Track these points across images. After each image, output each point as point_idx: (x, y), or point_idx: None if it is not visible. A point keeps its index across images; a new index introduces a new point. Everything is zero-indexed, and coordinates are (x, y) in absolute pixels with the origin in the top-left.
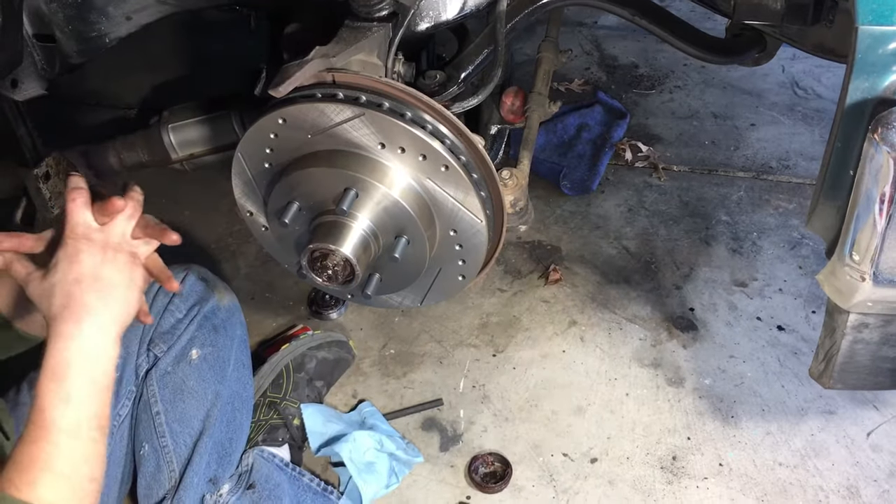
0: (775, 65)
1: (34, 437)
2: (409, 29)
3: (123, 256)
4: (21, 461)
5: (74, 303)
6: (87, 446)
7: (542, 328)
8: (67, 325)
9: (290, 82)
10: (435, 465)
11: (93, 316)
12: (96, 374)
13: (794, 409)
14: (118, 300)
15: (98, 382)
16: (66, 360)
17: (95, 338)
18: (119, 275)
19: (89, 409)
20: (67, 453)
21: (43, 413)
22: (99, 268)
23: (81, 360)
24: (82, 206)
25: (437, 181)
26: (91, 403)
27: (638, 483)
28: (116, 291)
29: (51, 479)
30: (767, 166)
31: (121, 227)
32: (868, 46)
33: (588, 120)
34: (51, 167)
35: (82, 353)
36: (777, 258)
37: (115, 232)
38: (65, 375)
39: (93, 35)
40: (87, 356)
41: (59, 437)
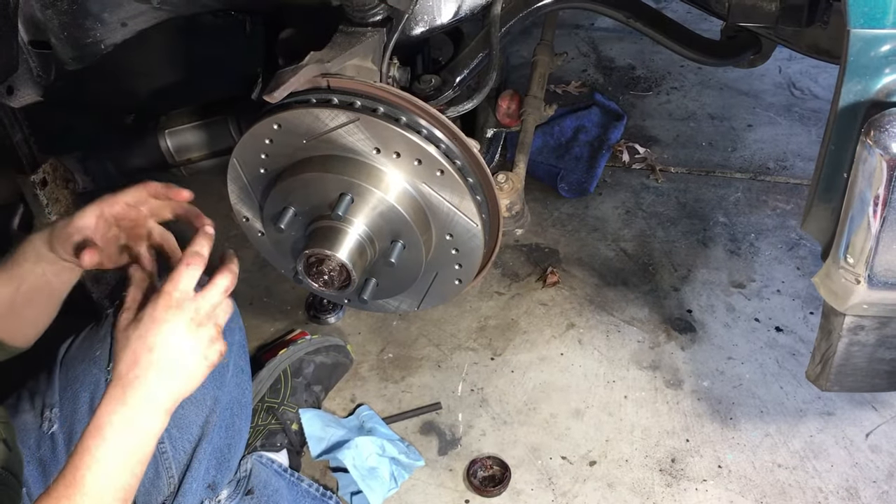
0: (772, 66)
1: (59, 495)
2: (404, 33)
3: (206, 332)
4: None
5: (137, 370)
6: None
7: (539, 331)
8: (121, 390)
9: (285, 88)
10: (434, 469)
11: (149, 390)
12: (134, 446)
13: (792, 411)
14: (183, 378)
15: (134, 455)
16: (110, 423)
17: (143, 411)
18: (195, 352)
19: (119, 478)
20: None
21: (76, 472)
22: (178, 340)
23: (123, 428)
24: (194, 273)
25: (433, 186)
26: (122, 474)
27: (637, 485)
28: (185, 369)
29: None
30: (765, 167)
31: (215, 300)
32: (860, 49)
33: (585, 122)
34: (48, 173)
35: (127, 421)
36: (775, 259)
37: (207, 305)
38: (104, 437)
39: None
40: (130, 425)
41: (81, 500)
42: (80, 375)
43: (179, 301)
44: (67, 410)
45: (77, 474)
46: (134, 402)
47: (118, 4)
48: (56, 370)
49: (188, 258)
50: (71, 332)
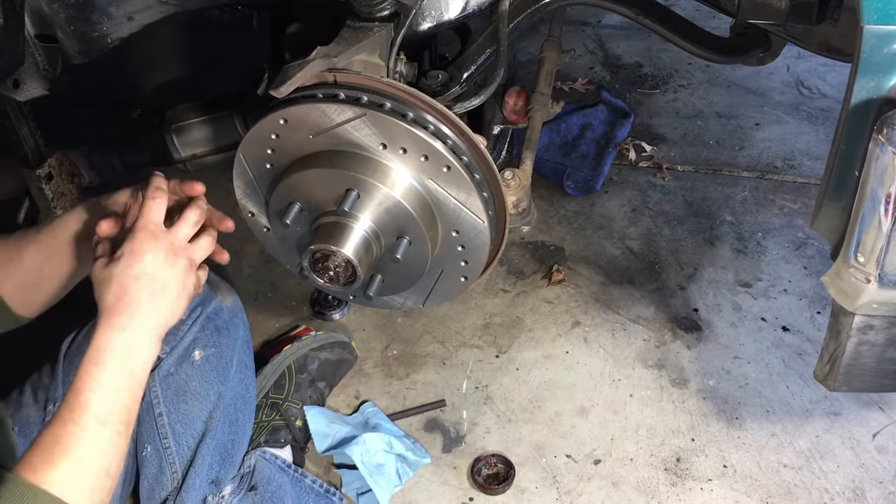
0: (780, 64)
1: (64, 419)
2: (411, 29)
3: (183, 262)
4: (45, 442)
5: (128, 298)
6: (111, 438)
7: (545, 329)
8: (117, 318)
9: (292, 82)
10: (438, 467)
11: (142, 315)
12: (135, 368)
13: (798, 411)
14: (168, 304)
15: (135, 376)
16: (110, 348)
17: (140, 335)
18: (175, 280)
19: (122, 399)
20: (93, 439)
21: (78, 395)
22: (159, 269)
23: (123, 352)
24: (160, 206)
25: (440, 182)
26: (124, 394)
27: (642, 485)
28: (168, 295)
29: (70, 465)
30: (772, 166)
31: (186, 231)
32: (873, 46)
33: (592, 119)
34: (53, 168)
35: (126, 345)
36: (782, 258)
37: (180, 235)
38: (105, 362)
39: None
40: (129, 349)
41: (88, 421)
42: None
43: (154, 232)
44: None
45: (80, 398)
46: (130, 328)
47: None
48: (59, 365)
49: (152, 193)
50: (74, 326)
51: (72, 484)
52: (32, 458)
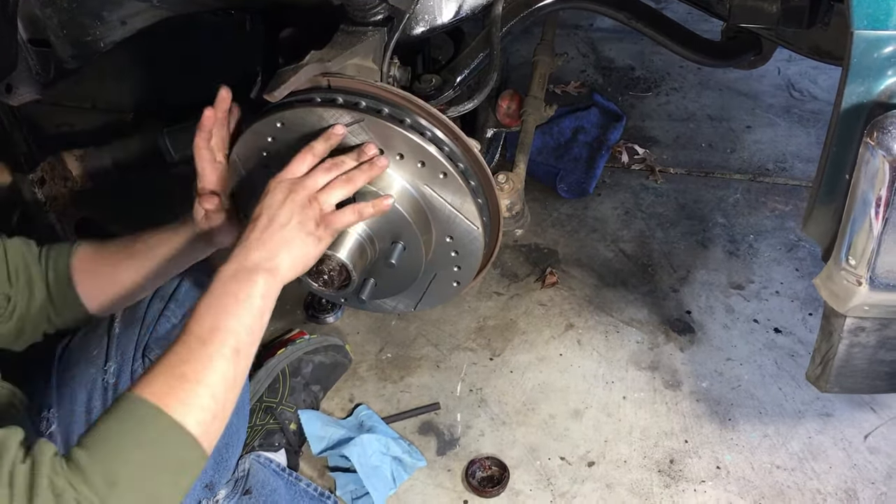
0: (771, 66)
1: (192, 350)
2: (405, 33)
3: (311, 212)
4: (183, 369)
5: (273, 247)
6: (238, 372)
7: (538, 331)
8: (259, 269)
9: (286, 87)
10: (432, 470)
11: (281, 266)
12: (264, 317)
13: (791, 412)
14: (302, 256)
15: (263, 319)
16: (249, 295)
17: (273, 285)
18: (308, 234)
19: (253, 342)
20: (223, 371)
21: (223, 326)
22: (297, 219)
23: (261, 301)
24: (301, 160)
25: (434, 186)
26: (255, 338)
27: (635, 487)
28: (303, 248)
29: (203, 394)
30: (764, 168)
31: (310, 183)
32: (863, 51)
33: (584, 122)
34: (46, 172)
35: (263, 295)
36: (774, 260)
37: (309, 184)
38: (249, 308)
39: (87, 40)
40: (266, 298)
41: (220, 352)
42: (78, 375)
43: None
44: (64, 410)
45: (221, 330)
46: (275, 277)
47: (117, 3)
48: (53, 369)
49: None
50: (68, 331)
51: (191, 409)
52: (153, 380)
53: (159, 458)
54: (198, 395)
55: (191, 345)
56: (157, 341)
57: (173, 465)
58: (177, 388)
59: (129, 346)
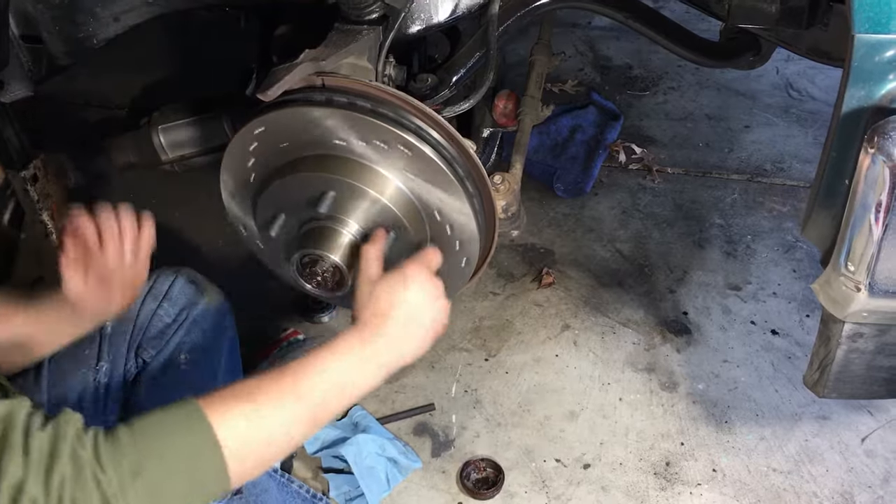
0: (769, 66)
1: (277, 383)
2: (400, 32)
3: (442, 304)
4: (251, 390)
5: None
6: (298, 435)
7: (534, 332)
8: (368, 333)
9: (279, 86)
10: (427, 471)
11: (387, 341)
12: (353, 381)
13: (788, 415)
14: (415, 342)
15: (346, 390)
16: (349, 349)
17: (376, 357)
18: (431, 320)
19: (330, 416)
20: (290, 419)
21: (312, 389)
22: (425, 305)
23: (360, 382)
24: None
25: (430, 188)
26: (332, 395)
27: (631, 489)
28: (420, 333)
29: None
30: (762, 169)
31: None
32: (864, 55)
33: (581, 121)
34: (38, 169)
35: (359, 357)
36: (771, 261)
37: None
38: (339, 360)
39: (80, 36)
40: (360, 362)
41: (300, 403)
42: (68, 375)
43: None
44: (55, 411)
45: (300, 376)
46: (372, 346)
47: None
48: (44, 369)
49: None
50: None
51: (244, 441)
52: (223, 397)
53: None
54: (250, 417)
55: (281, 380)
56: (149, 341)
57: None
58: (232, 403)
59: (121, 346)
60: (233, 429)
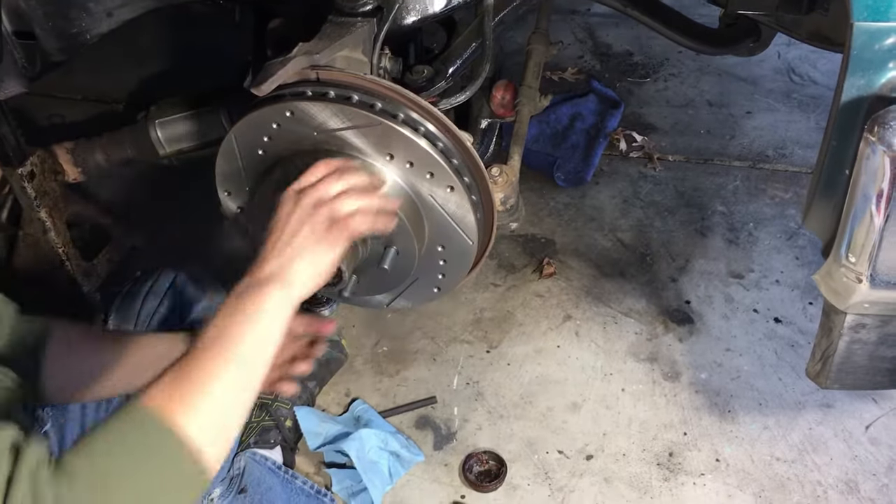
0: (771, 51)
1: (195, 359)
2: (396, 23)
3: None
4: (185, 377)
5: (285, 259)
6: (244, 385)
7: (536, 323)
8: (271, 282)
9: (273, 80)
10: (429, 464)
11: (295, 277)
12: (275, 330)
13: (791, 403)
14: (316, 264)
15: (273, 332)
16: (258, 308)
17: (286, 297)
18: (319, 241)
19: (261, 354)
20: (228, 381)
21: (227, 334)
22: (307, 227)
23: (272, 313)
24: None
25: (426, 182)
26: (264, 351)
27: (634, 480)
28: (316, 256)
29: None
30: (763, 155)
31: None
32: (863, 43)
33: (581, 110)
34: (35, 166)
35: (275, 307)
36: (774, 249)
37: (324, 191)
38: (258, 319)
39: (73, 32)
40: (278, 310)
41: (225, 361)
42: None
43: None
44: (58, 409)
45: (230, 334)
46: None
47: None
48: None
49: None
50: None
51: (193, 416)
52: (155, 387)
53: (152, 465)
54: (200, 403)
55: (195, 354)
56: None
57: (168, 475)
58: (178, 396)
59: None
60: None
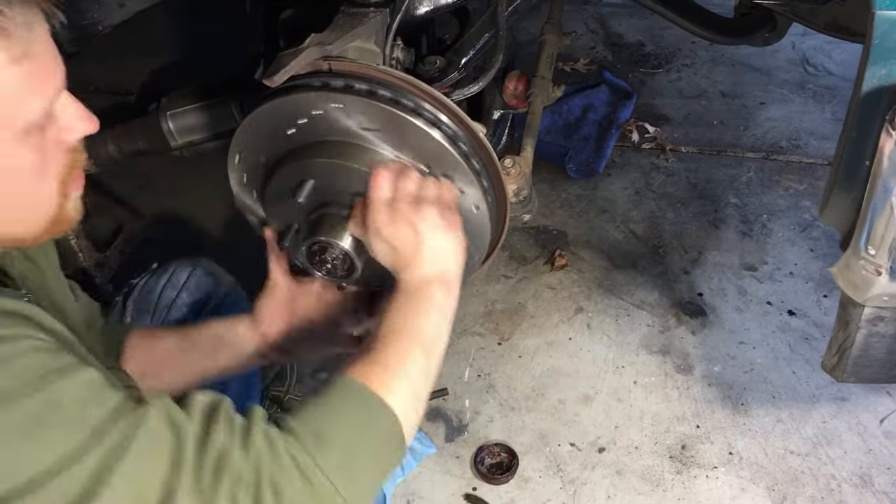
0: (785, 41)
1: (400, 342)
2: (408, 13)
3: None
4: (383, 361)
5: (425, 262)
6: (430, 369)
7: (547, 315)
8: (431, 282)
9: (285, 71)
10: (440, 457)
11: (447, 270)
12: (448, 320)
13: (805, 396)
14: (453, 251)
15: (447, 321)
16: (430, 301)
17: (449, 291)
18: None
19: (440, 341)
20: (419, 365)
21: (411, 326)
22: (420, 225)
23: (442, 303)
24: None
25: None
26: (441, 338)
27: (646, 473)
28: (447, 243)
29: (403, 383)
30: (777, 146)
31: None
32: (885, 32)
33: (594, 101)
34: None
35: (443, 299)
36: (787, 241)
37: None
38: (432, 314)
39: (85, 23)
40: (446, 301)
41: (414, 347)
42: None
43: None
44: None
45: (420, 326)
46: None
47: None
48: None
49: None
50: None
51: (394, 395)
52: (356, 368)
53: (367, 428)
54: (398, 383)
55: (387, 341)
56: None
57: (380, 439)
58: (378, 375)
59: None
60: (397, 398)
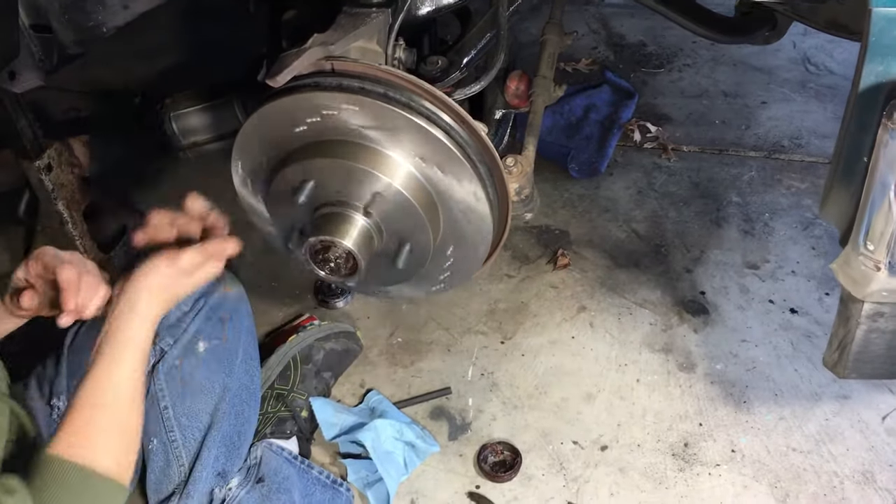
0: (786, 40)
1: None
2: (410, 13)
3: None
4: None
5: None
6: (133, 399)
7: (550, 314)
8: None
9: (288, 71)
10: (444, 455)
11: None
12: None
13: (807, 394)
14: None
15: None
16: (127, 338)
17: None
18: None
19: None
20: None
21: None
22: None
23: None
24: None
25: (442, 172)
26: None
27: (649, 470)
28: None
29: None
30: (779, 145)
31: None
32: (882, 29)
33: (595, 100)
34: (52, 158)
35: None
36: (789, 239)
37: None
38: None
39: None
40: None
41: (107, 396)
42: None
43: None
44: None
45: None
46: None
47: None
48: (63, 358)
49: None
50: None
51: (113, 455)
52: (70, 440)
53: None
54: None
55: (99, 409)
56: (167, 329)
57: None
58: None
59: None
60: (104, 459)
